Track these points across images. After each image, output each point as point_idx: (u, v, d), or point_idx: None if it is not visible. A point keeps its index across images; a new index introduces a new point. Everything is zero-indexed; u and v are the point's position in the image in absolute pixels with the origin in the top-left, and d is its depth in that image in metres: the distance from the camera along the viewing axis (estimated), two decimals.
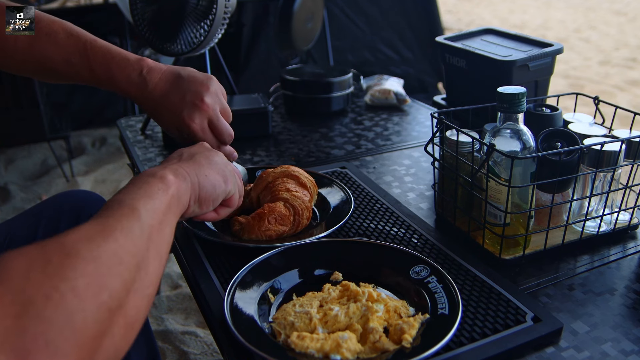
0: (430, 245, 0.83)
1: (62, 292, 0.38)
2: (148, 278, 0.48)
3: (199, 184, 0.64)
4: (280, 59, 3.12)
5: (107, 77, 0.79)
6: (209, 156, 0.69)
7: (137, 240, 0.48)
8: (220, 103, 0.81)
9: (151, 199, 0.54)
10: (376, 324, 0.62)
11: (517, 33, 1.11)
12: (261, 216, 0.82)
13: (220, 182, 0.68)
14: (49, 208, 0.90)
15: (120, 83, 0.79)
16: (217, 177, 0.67)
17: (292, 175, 0.91)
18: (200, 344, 1.57)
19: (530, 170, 0.75)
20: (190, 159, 0.67)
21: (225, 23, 1.05)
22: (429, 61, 3.49)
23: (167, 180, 0.58)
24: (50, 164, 2.87)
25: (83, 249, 0.42)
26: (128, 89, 0.79)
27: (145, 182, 0.57)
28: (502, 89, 0.74)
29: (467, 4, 8.42)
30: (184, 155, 0.68)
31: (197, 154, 0.69)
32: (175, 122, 0.79)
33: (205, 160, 0.68)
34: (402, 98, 1.55)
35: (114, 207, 0.50)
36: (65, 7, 3.66)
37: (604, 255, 0.83)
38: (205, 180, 0.65)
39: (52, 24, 0.80)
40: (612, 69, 4.70)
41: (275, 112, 1.53)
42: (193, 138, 0.79)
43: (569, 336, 0.66)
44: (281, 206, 0.84)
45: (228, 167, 0.72)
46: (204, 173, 0.66)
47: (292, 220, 0.84)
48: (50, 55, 0.79)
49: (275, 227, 0.82)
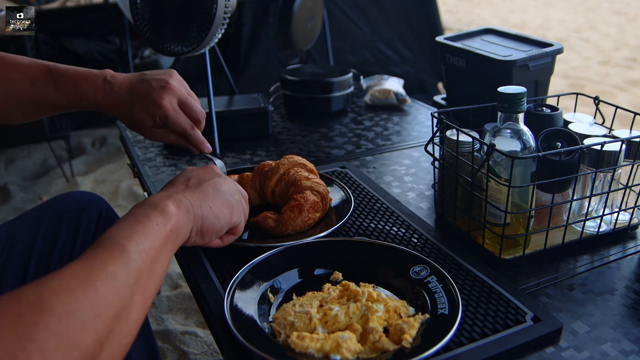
0: (430, 245, 0.83)
1: (29, 353, 0.37)
2: (128, 327, 0.47)
3: (202, 216, 0.63)
4: (280, 59, 3.12)
5: (73, 90, 0.80)
6: (217, 184, 0.68)
7: (121, 288, 0.47)
8: (185, 88, 0.84)
9: (146, 235, 0.53)
10: (376, 324, 0.62)
11: (517, 33, 1.11)
12: (300, 207, 0.84)
13: (225, 214, 0.67)
14: (49, 209, 0.90)
15: (87, 93, 0.80)
16: (222, 209, 0.67)
17: (301, 164, 0.94)
18: (200, 344, 1.57)
19: (530, 170, 0.75)
20: (197, 187, 0.66)
21: (225, 23, 1.05)
22: (429, 61, 3.49)
23: (167, 214, 0.57)
24: (50, 164, 2.87)
25: (59, 304, 0.41)
26: (95, 97, 0.81)
27: (144, 215, 0.56)
28: (503, 88, 0.74)
29: (467, 4, 8.42)
30: (191, 181, 0.67)
31: (205, 181, 0.68)
32: (147, 107, 0.80)
33: (212, 189, 0.67)
34: (402, 98, 1.55)
35: (104, 246, 0.49)
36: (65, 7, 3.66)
37: (604, 255, 0.83)
38: (210, 213, 0.65)
39: (15, 57, 0.82)
40: (612, 69, 4.70)
41: (275, 112, 1.53)
42: (166, 121, 0.80)
43: (569, 336, 0.66)
44: (311, 194, 0.87)
45: (235, 196, 0.70)
46: (208, 205, 0.65)
47: (322, 206, 0.88)
48: (16, 82, 0.80)
49: (313, 215, 0.86)
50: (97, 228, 0.92)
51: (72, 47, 3.00)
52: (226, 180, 0.70)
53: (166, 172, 1.15)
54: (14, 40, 2.47)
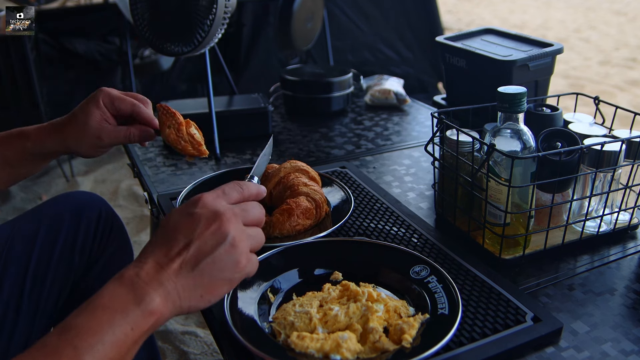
0: (430, 245, 0.83)
1: None
2: None
3: (189, 307, 0.54)
4: (280, 59, 3.11)
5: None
6: (219, 261, 0.54)
7: None
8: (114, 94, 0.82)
9: (113, 345, 0.46)
10: (376, 324, 0.62)
11: (517, 33, 1.11)
12: (290, 212, 0.84)
13: (217, 297, 0.56)
14: (50, 209, 0.91)
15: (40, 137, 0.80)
16: (215, 293, 0.55)
17: (303, 170, 0.93)
18: (200, 344, 1.57)
19: (530, 170, 0.75)
20: (194, 266, 0.53)
21: (225, 23, 1.05)
22: (429, 61, 3.48)
23: (149, 312, 0.49)
24: (50, 163, 2.86)
25: None
26: (44, 138, 0.80)
27: (122, 310, 0.48)
28: (503, 88, 0.74)
29: (467, 4, 8.41)
30: (191, 248, 0.54)
31: (206, 255, 0.54)
32: (89, 105, 0.80)
33: (210, 269, 0.54)
34: (402, 98, 1.55)
35: (55, 346, 0.44)
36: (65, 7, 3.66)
37: (604, 255, 0.83)
38: (199, 301, 0.54)
39: None
40: (612, 69, 4.70)
41: (275, 112, 1.53)
42: (112, 101, 0.80)
43: (569, 336, 0.66)
44: (304, 200, 0.86)
45: (241, 265, 0.56)
46: (199, 293, 0.54)
47: (314, 213, 0.87)
48: None
49: (303, 221, 0.85)
50: (97, 228, 0.92)
51: (72, 47, 3.00)
52: (235, 247, 0.55)
53: (166, 172, 1.15)
54: (14, 40, 2.47)
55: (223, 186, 0.61)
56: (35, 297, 0.84)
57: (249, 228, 0.59)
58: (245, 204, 0.60)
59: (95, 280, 0.91)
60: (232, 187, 0.61)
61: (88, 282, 0.91)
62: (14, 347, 0.80)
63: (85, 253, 0.90)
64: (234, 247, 0.55)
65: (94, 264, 0.92)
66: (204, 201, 0.57)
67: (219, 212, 0.56)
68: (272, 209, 0.89)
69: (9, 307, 0.81)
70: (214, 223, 0.55)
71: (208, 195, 0.58)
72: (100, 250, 0.92)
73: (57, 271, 0.87)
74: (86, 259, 0.91)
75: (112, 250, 0.94)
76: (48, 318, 0.86)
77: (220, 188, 0.61)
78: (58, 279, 0.87)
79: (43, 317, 0.85)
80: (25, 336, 0.82)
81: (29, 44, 2.56)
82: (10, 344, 0.80)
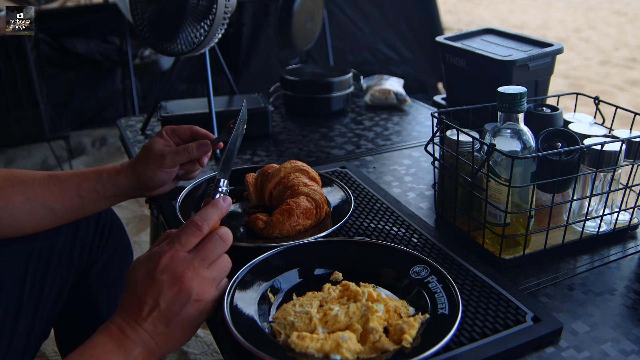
0: (430, 245, 0.83)
1: None
2: None
3: (171, 350, 0.62)
4: (280, 59, 3.12)
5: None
6: (187, 318, 0.60)
7: None
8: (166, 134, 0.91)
9: None
10: (376, 324, 0.62)
11: (517, 33, 1.11)
12: (290, 212, 0.84)
13: (186, 340, 0.63)
14: None
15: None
16: (192, 334, 0.63)
17: (303, 170, 0.93)
18: (200, 344, 1.57)
19: (530, 170, 0.75)
20: (166, 325, 0.59)
21: (225, 23, 1.05)
22: (429, 61, 3.48)
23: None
24: (50, 164, 2.86)
25: None
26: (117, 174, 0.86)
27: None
28: (503, 88, 0.74)
29: (467, 4, 8.42)
30: (161, 306, 0.59)
31: (175, 315, 0.59)
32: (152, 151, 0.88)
33: (185, 320, 0.60)
34: (402, 98, 1.55)
35: None
36: (65, 7, 3.66)
37: (604, 255, 0.83)
38: (180, 344, 0.62)
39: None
40: (612, 69, 4.70)
41: (275, 112, 1.53)
42: (172, 131, 0.91)
43: (569, 336, 0.66)
44: (305, 200, 0.86)
45: (209, 310, 0.63)
46: (177, 341, 0.61)
47: (314, 214, 0.87)
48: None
49: (303, 221, 0.85)
50: (96, 228, 0.92)
51: (72, 47, 3.00)
52: (200, 300, 0.61)
53: None
54: (14, 40, 2.47)
55: (180, 232, 0.63)
56: (35, 297, 0.84)
57: (212, 269, 0.63)
58: (204, 249, 0.62)
59: (95, 281, 0.91)
60: (189, 232, 0.63)
61: (88, 282, 0.91)
62: (14, 347, 0.80)
63: (85, 253, 0.90)
64: (199, 300, 0.61)
65: (94, 264, 0.92)
66: (162, 266, 0.59)
67: (177, 274, 0.59)
68: (272, 209, 0.89)
69: (9, 308, 0.81)
70: (174, 286, 0.59)
71: (166, 255, 0.60)
72: (100, 251, 0.92)
73: (57, 271, 0.87)
74: (86, 259, 0.91)
75: (112, 250, 0.94)
76: (48, 318, 0.86)
77: (178, 237, 0.62)
78: (58, 279, 0.87)
79: (43, 317, 0.85)
80: (25, 336, 0.82)
81: (29, 44, 2.56)
82: (11, 344, 0.80)
